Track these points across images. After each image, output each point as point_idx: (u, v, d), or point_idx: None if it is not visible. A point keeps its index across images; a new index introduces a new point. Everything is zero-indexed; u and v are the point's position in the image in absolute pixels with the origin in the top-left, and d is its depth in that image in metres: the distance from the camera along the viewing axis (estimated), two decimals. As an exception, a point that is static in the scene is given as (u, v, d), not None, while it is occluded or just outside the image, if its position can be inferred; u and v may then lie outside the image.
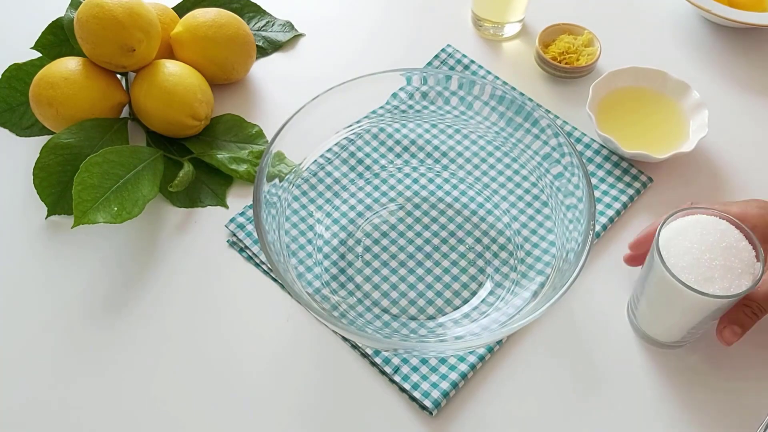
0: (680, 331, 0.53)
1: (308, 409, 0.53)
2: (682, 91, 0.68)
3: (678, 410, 0.53)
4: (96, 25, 0.61)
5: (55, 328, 0.57)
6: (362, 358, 0.55)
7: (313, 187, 0.62)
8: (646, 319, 0.55)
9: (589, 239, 0.50)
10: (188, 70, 0.66)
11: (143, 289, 0.59)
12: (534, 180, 0.61)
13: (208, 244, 0.62)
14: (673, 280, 0.48)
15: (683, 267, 0.48)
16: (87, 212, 0.58)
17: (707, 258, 0.48)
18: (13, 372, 0.55)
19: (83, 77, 0.64)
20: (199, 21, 0.68)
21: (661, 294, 0.51)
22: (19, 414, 0.53)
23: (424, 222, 0.62)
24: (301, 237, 0.59)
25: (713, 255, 0.48)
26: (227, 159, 0.65)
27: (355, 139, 0.65)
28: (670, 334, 0.54)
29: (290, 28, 0.77)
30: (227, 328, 0.57)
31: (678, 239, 0.49)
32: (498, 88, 0.60)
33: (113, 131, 0.65)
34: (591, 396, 0.54)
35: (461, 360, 0.54)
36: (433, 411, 0.52)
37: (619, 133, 0.65)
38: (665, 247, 0.49)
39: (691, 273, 0.48)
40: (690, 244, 0.49)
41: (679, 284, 0.47)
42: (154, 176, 0.62)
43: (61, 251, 0.61)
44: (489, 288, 0.58)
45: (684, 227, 0.50)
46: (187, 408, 0.53)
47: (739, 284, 0.47)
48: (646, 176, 0.64)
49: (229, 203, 0.65)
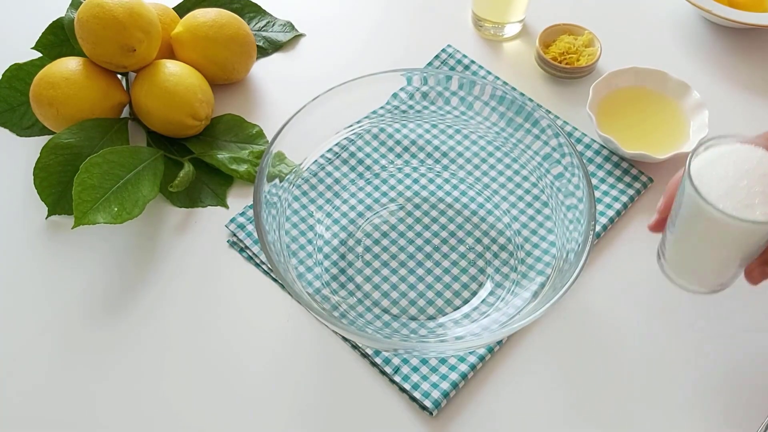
0: (713, 273, 0.49)
1: (308, 409, 0.53)
2: (682, 92, 0.68)
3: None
4: (96, 25, 0.62)
5: (55, 328, 0.57)
6: (362, 359, 0.55)
7: (313, 187, 0.62)
8: (677, 263, 0.51)
9: (590, 240, 0.50)
10: (188, 70, 0.66)
11: (143, 289, 0.59)
12: (534, 180, 0.61)
13: (208, 244, 0.62)
14: (710, 209, 0.44)
15: (720, 195, 0.44)
16: (87, 213, 0.58)
17: (745, 185, 0.44)
18: (14, 373, 0.55)
19: (84, 77, 0.64)
20: (199, 21, 0.68)
21: (694, 229, 0.47)
22: (19, 414, 0.53)
23: (425, 222, 0.62)
24: (302, 237, 0.59)
25: (751, 182, 0.44)
26: (227, 159, 0.65)
27: (356, 139, 0.65)
28: (703, 277, 0.50)
29: (290, 29, 0.77)
30: (227, 328, 0.57)
31: (711, 168, 0.46)
32: (498, 88, 0.60)
33: (113, 131, 0.65)
34: (591, 396, 0.54)
35: (461, 360, 0.54)
36: (433, 411, 0.52)
37: (619, 134, 0.65)
38: (697, 177, 0.45)
39: (729, 201, 0.44)
40: (725, 172, 0.45)
41: (717, 212, 0.43)
42: (155, 176, 0.62)
43: (61, 251, 0.61)
44: (489, 288, 0.58)
45: (717, 156, 0.46)
46: (188, 408, 0.53)
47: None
48: (646, 177, 0.64)
49: (230, 203, 0.65)
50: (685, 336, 0.56)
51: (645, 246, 0.61)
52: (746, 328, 0.57)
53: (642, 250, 0.61)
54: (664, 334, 0.56)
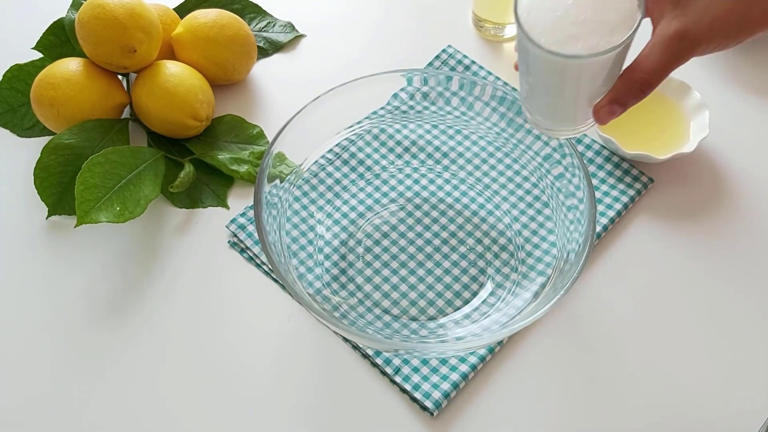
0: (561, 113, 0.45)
1: (309, 410, 0.53)
2: (682, 92, 0.68)
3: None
4: (97, 25, 0.62)
5: (55, 328, 0.57)
6: (363, 359, 0.55)
7: (314, 187, 0.62)
8: (529, 103, 0.47)
9: (590, 240, 0.50)
10: (189, 71, 0.66)
11: (144, 290, 0.59)
12: (535, 181, 0.61)
13: (209, 244, 0.62)
14: (529, 45, 0.39)
15: (545, 28, 0.39)
16: (89, 212, 0.58)
17: (573, 13, 0.39)
18: (14, 373, 0.55)
19: (84, 78, 0.64)
20: (200, 22, 0.68)
21: (528, 68, 0.42)
22: (19, 415, 0.53)
23: (425, 223, 0.62)
24: (302, 238, 0.59)
25: (580, 9, 0.39)
26: (228, 160, 0.65)
27: (356, 139, 0.65)
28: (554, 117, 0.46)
29: (291, 29, 0.77)
30: (228, 329, 0.57)
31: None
32: (499, 88, 0.60)
33: (114, 132, 0.65)
34: (592, 396, 0.54)
35: (462, 361, 0.54)
36: (434, 412, 0.52)
37: (619, 134, 0.65)
38: (527, 8, 0.40)
39: (553, 34, 0.39)
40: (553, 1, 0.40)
41: (534, 48, 0.39)
42: (156, 176, 0.62)
43: (61, 252, 0.62)
44: (490, 289, 0.58)
45: None
46: (188, 408, 0.53)
47: (610, 41, 0.39)
48: (646, 177, 0.64)
49: (230, 204, 0.65)
50: (686, 335, 0.56)
51: (646, 247, 0.61)
52: (746, 328, 0.57)
53: (643, 250, 0.61)
54: (664, 334, 0.56)
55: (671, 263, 0.60)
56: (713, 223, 0.62)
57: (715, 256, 0.61)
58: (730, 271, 0.60)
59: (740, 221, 0.63)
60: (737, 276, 0.60)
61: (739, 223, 0.62)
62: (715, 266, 0.60)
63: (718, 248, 0.61)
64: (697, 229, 0.62)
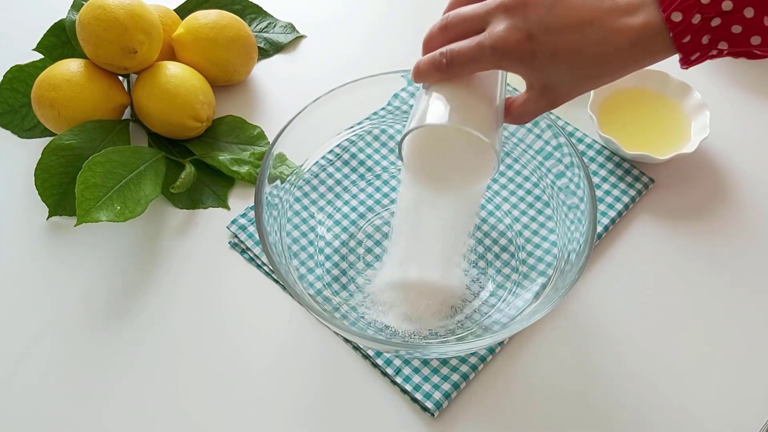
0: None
1: (309, 410, 0.53)
2: (683, 93, 0.68)
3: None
4: (98, 26, 0.62)
5: (56, 328, 0.57)
6: (364, 360, 0.55)
7: (314, 188, 0.62)
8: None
9: (591, 240, 0.50)
10: (190, 72, 0.66)
11: (145, 291, 0.59)
12: (535, 181, 0.61)
13: (209, 245, 0.62)
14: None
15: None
16: (90, 211, 0.58)
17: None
18: (14, 374, 0.55)
19: (85, 79, 0.64)
20: (200, 23, 0.68)
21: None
22: (20, 416, 0.53)
23: (426, 223, 0.62)
24: (303, 238, 0.59)
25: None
26: (229, 160, 0.65)
27: (357, 140, 0.65)
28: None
29: (291, 30, 0.77)
30: (229, 330, 0.57)
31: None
32: (499, 89, 0.60)
33: (115, 133, 0.65)
34: (592, 396, 0.54)
35: (463, 361, 0.54)
36: (434, 412, 0.52)
37: (620, 134, 0.65)
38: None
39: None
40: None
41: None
42: (156, 176, 0.62)
43: (62, 252, 0.62)
44: (491, 289, 0.58)
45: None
46: (188, 408, 0.53)
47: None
48: (647, 177, 0.64)
49: (231, 205, 0.65)
50: (686, 335, 0.56)
51: (646, 247, 0.61)
52: (747, 328, 0.57)
53: (643, 250, 0.61)
54: (665, 334, 0.56)
55: (672, 263, 0.60)
56: (714, 223, 0.62)
57: (716, 256, 0.61)
58: (731, 271, 0.60)
59: (741, 221, 0.62)
60: (738, 276, 0.59)
61: (740, 223, 0.62)
62: (715, 266, 0.60)
63: (719, 248, 0.61)
64: (697, 229, 0.62)
